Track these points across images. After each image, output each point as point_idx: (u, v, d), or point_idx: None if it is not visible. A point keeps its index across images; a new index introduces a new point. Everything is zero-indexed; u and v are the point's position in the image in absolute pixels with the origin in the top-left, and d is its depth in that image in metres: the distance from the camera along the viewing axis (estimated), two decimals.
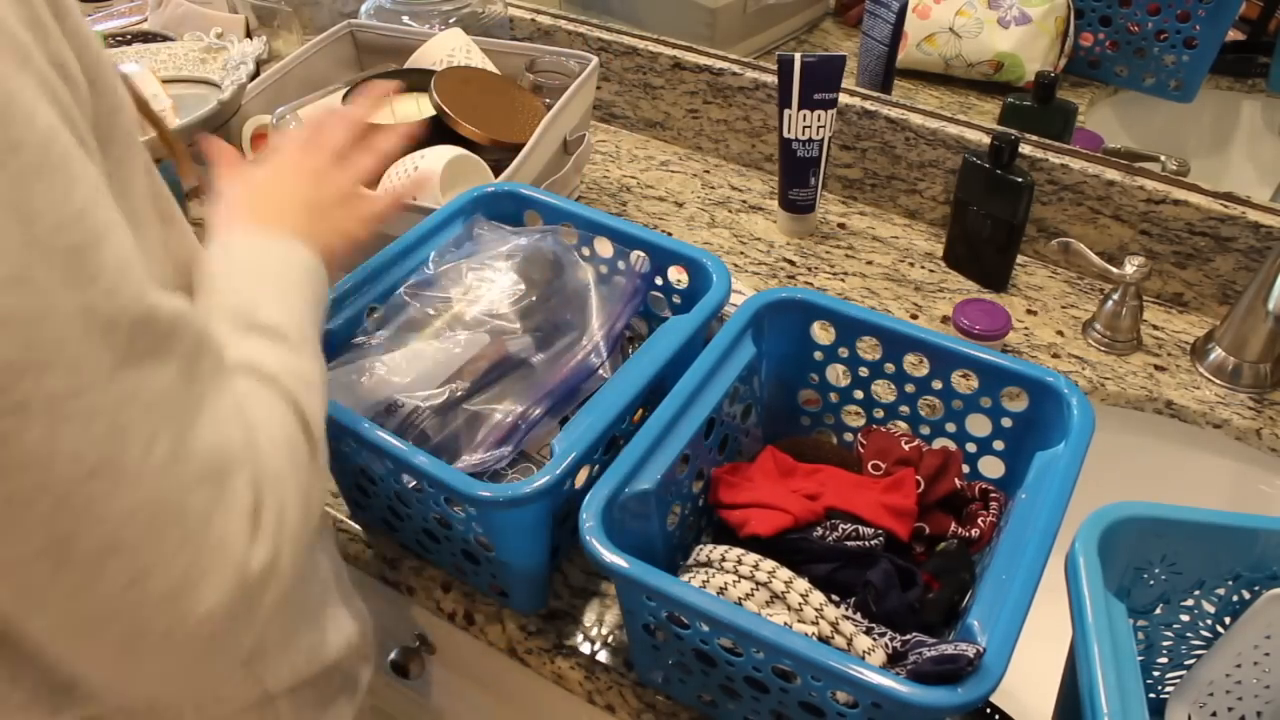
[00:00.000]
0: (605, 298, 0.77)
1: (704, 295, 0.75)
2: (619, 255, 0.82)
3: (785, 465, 0.73)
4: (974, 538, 0.68)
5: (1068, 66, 1.11)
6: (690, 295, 0.80)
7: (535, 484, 0.61)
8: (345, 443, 0.69)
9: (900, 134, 1.07)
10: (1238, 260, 0.95)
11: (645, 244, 0.80)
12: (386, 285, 0.78)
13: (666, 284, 0.81)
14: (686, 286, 0.80)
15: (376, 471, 0.69)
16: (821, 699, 0.55)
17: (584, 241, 0.82)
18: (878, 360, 0.74)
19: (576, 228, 0.83)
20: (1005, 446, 0.72)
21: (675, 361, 0.70)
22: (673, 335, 0.72)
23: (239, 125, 1.00)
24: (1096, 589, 0.55)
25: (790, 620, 0.59)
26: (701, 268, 0.78)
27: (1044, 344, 0.96)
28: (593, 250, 0.83)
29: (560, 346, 0.74)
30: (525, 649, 0.72)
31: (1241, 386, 0.90)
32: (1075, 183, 1.00)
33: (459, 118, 0.97)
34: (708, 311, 0.74)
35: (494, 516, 0.64)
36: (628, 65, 1.24)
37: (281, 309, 0.54)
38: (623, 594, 0.62)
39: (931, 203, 1.10)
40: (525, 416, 0.69)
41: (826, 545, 0.66)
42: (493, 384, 0.72)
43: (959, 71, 1.13)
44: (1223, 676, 0.63)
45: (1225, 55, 1.02)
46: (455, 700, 0.93)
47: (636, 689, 0.69)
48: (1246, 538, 0.59)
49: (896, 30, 1.07)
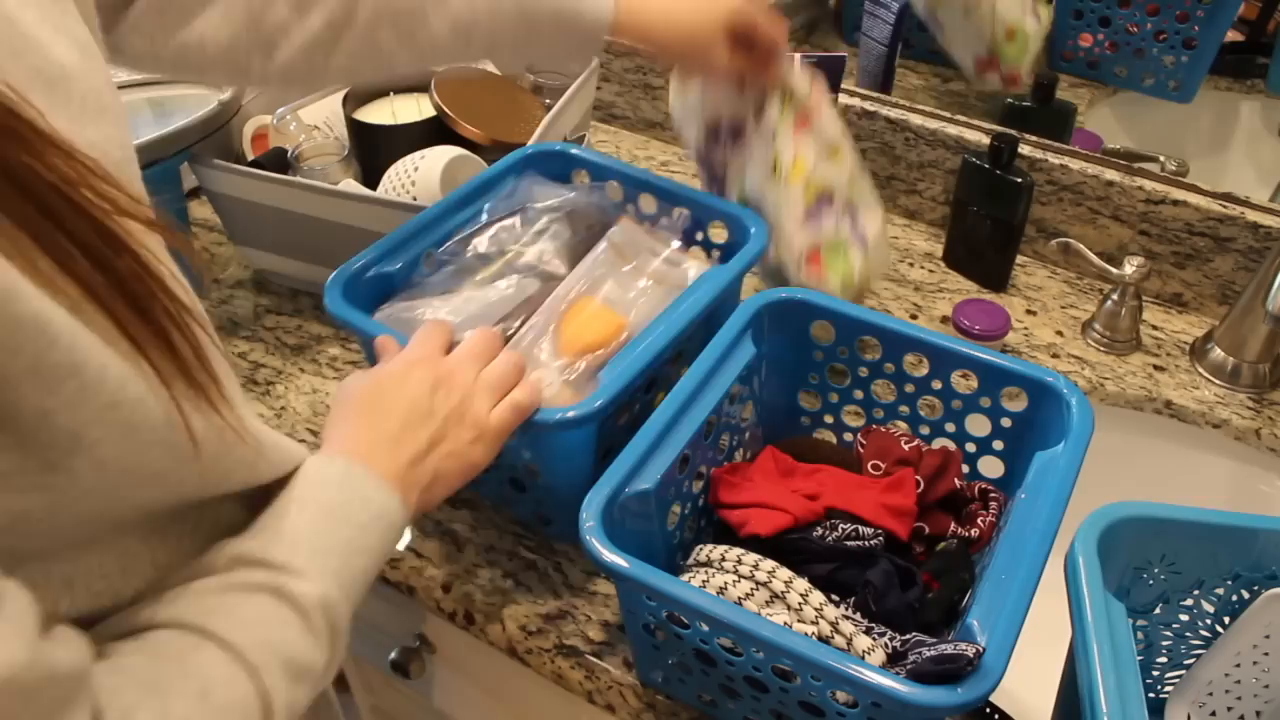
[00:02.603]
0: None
1: (743, 246, 0.80)
2: (662, 211, 0.86)
3: (785, 465, 0.73)
4: (974, 538, 0.68)
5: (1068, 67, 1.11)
6: (728, 250, 0.84)
7: (584, 408, 0.65)
8: None
9: (900, 134, 1.08)
10: (1237, 260, 0.95)
11: (687, 200, 0.85)
12: (442, 233, 0.81)
13: (706, 239, 0.85)
14: (725, 241, 0.84)
15: None
16: (821, 699, 0.56)
17: (629, 198, 0.87)
18: (878, 360, 0.74)
19: (622, 185, 0.87)
20: (1005, 446, 0.72)
21: (713, 308, 0.75)
22: (713, 283, 0.76)
23: (239, 125, 1.00)
24: (1096, 589, 0.55)
25: (790, 620, 0.59)
26: (740, 222, 0.82)
27: (1043, 344, 0.96)
28: (637, 207, 0.87)
29: None
30: (525, 649, 0.73)
31: (1241, 386, 0.90)
32: (1074, 183, 1.00)
33: (459, 118, 0.97)
34: (745, 261, 0.78)
35: (545, 439, 0.68)
36: (628, 65, 1.24)
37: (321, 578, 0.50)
38: (623, 594, 0.62)
39: (931, 203, 1.10)
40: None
41: (826, 545, 0.66)
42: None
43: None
44: (1222, 676, 0.63)
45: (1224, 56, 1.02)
46: (455, 700, 0.93)
47: (636, 689, 0.69)
48: (1246, 538, 0.60)
49: (896, 31, 1.07)
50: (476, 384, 0.64)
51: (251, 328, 0.99)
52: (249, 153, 1.01)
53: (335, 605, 0.50)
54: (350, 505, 0.54)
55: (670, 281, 0.78)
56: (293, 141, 0.99)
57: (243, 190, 0.95)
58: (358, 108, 1.01)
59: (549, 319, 0.74)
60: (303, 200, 0.92)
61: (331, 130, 1.03)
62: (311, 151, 0.98)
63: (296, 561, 0.50)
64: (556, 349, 0.72)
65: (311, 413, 0.90)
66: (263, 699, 0.45)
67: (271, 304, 1.01)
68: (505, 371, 0.65)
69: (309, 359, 0.95)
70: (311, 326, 0.99)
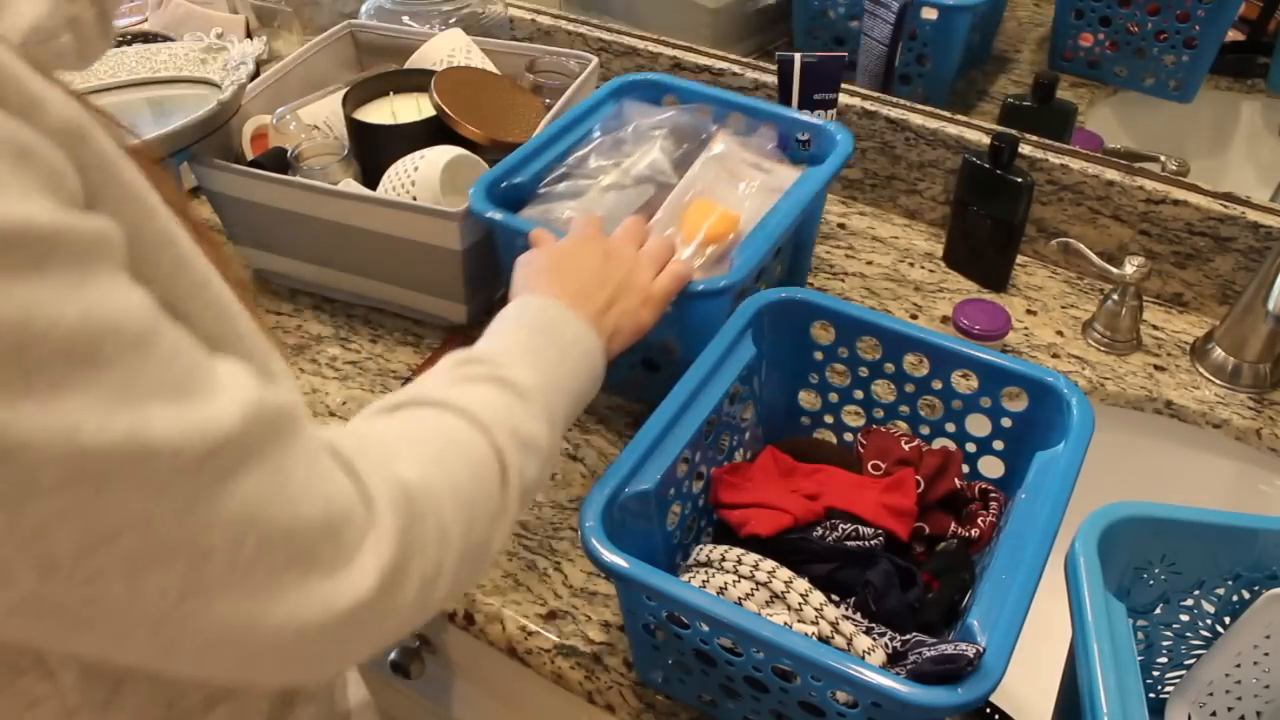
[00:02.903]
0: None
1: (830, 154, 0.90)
2: (749, 128, 0.95)
3: (785, 465, 0.73)
4: (974, 538, 0.68)
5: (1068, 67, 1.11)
6: (813, 158, 0.93)
7: (731, 278, 0.76)
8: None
9: (900, 134, 1.07)
10: (1237, 260, 0.95)
11: (773, 116, 0.95)
12: (562, 149, 0.91)
13: (793, 149, 0.95)
14: (809, 151, 0.94)
15: None
16: (821, 699, 0.55)
17: (717, 118, 0.96)
18: (878, 360, 0.74)
19: (712, 107, 0.96)
20: (1005, 446, 0.72)
21: (811, 207, 0.87)
22: (812, 181, 0.87)
23: (239, 125, 1.00)
24: (1096, 589, 0.55)
25: (790, 620, 0.59)
26: (825, 131, 0.93)
27: (1044, 344, 0.96)
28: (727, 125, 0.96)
29: None
30: (525, 649, 0.73)
31: (1241, 386, 0.90)
32: (1075, 183, 1.00)
33: (459, 118, 0.97)
34: (839, 161, 0.89)
35: (690, 310, 0.77)
36: (628, 65, 1.24)
37: (534, 374, 0.56)
38: (623, 594, 0.62)
39: (931, 203, 1.10)
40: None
41: (826, 545, 0.66)
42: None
43: None
44: (1222, 676, 0.63)
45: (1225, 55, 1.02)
46: (455, 700, 0.93)
47: (636, 689, 0.69)
48: (1246, 538, 0.59)
49: (896, 30, 1.07)
50: (639, 257, 0.72)
51: None
52: (249, 152, 1.01)
53: (549, 395, 0.56)
54: (554, 326, 0.61)
55: (768, 185, 0.89)
56: (292, 141, 0.99)
57: (242, 190, 0.94)
58: (358, 107, 1.01)
59: (671, 217, 0.85)
60: (303, 200, 0.92)
61: (331, 130, 1.03)
62: (311, 151, 0.98)
63: (512, 360, 0.56)
64: (682, 241, 0.83)
65: (311, 413, 0.90)
66: (498, 455, 0.50)
67: (271, 304, 1.01)
68: (662, 247, 0.74)
69: (309, 359, 0.95)
70: (311, 326, 0.99)
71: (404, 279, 0.95)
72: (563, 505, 0.81)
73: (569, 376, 0.59)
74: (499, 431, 0.51)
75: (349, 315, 1.00)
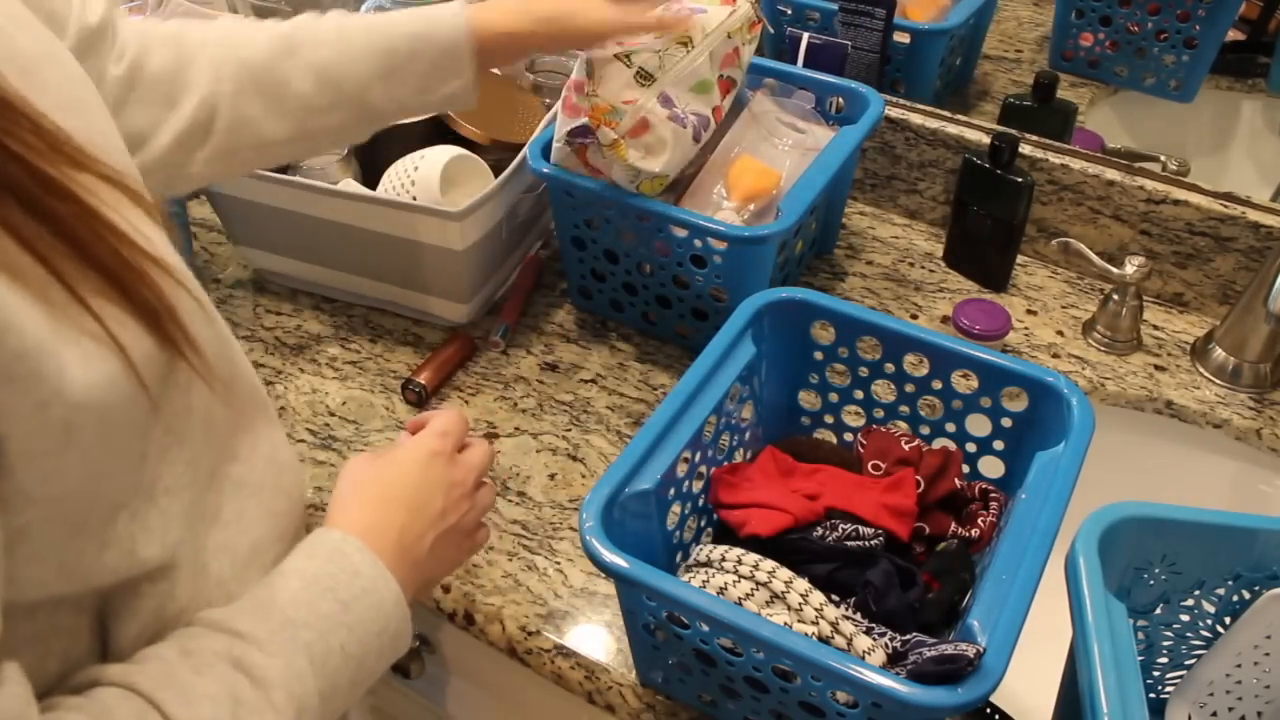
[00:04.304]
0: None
1: (863, 115, 0.96)
2: (783, 91, 1.00)
3: (785, 465, 0.73)
4: (974, 538, 0.68)
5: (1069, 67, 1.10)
6: (844, 120, 0.98)
7: (778, 226, 0.82)
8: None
9: (900, 134, 1.07)
10: (1238, 260, 0.95)
11: (806, 80, 1.00)
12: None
13: (826, 112, 0.99)
14: (841, 113, 0.99)
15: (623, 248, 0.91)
16: (821, 699, 0.55)
17: (752, 85, 1.00)
18: (878, 360, 0.74)
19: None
20: (1005, 446, 0.72)
21: (847, 164, 0.92)
22: (847, 139, 0.93)
23: None
24: (1096, 589, 0.55)
25: (790, 620, 0.59)
26: (858, 94, 0.97)
27: (1044, 344, 0.96)
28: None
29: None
30: (525, 649, 0.73)
31: (1241, 386, 0.90)
32: (1075, 183, 1.00)
33: (459, 117, 0.97)
34: (870, 124, 0.94)
35: (739, 257, 0.84)
36: None
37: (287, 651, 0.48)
38: (623, 594, 0.62)
39: (931, 203, 1.10)
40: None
41: (826, 545, 0.66)
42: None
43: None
44: (1223, 676, 0.63)
45: (1225, 55, 1.02)
46: (455, 700, 0.93)
47: (636, 689, 0.69)
48: (1246, 538, 0.59)
49: (885, 37, 1.06)
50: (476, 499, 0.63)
51: (251, 328, 0.98)
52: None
53: (302, 678, 0.48)
54: (344, 573, 0.53)
55: (805, 145, 0.94)
56: None
57: (242, 190, 0.94)
58: None
59: (717, 173, 0.92)
60: (302, 200, 0.92)
61: None
62: None
63: (260, 631, 0.48)
64: (728, 195, 0.90)
65: (311, 413, 0.90)
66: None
67: (271, 304, 1.01)
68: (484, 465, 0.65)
69: (308, 359, 0.95)
70: (311, 326, 0.99)
71: (404, 279, 0.95)
72: (563, 505, 0.81)
73: (348, 637, 0.51)
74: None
75: (349, 315, 1.00)
